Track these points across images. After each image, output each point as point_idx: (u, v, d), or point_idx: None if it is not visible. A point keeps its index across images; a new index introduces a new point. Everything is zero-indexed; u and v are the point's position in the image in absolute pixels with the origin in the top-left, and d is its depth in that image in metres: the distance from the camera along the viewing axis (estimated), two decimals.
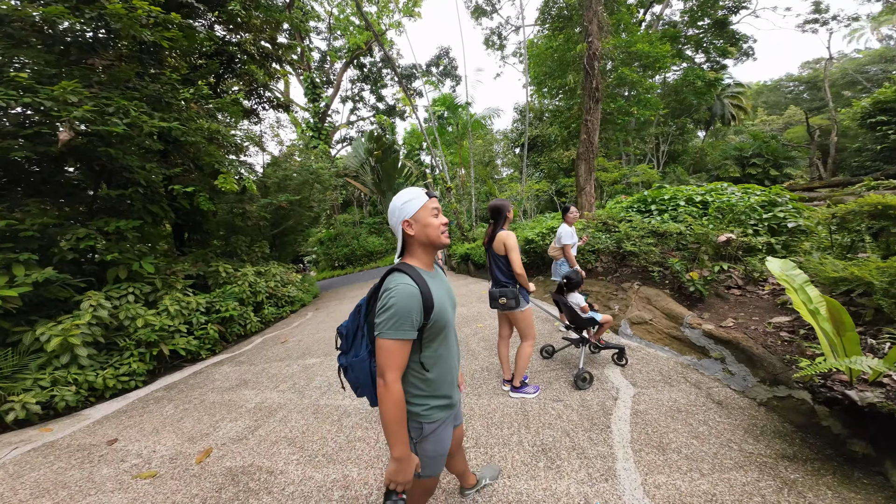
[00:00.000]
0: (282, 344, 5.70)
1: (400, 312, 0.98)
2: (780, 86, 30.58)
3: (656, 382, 2.67)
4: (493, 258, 2.56)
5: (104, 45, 5.15)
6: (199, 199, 6.16)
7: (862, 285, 2.14)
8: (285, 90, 24.46)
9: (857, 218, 2.66)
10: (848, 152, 14.07)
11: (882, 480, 1.60)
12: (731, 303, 3.05)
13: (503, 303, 2.43)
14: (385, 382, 0.99)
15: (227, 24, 7.82)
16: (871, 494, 1.55)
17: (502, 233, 2.43)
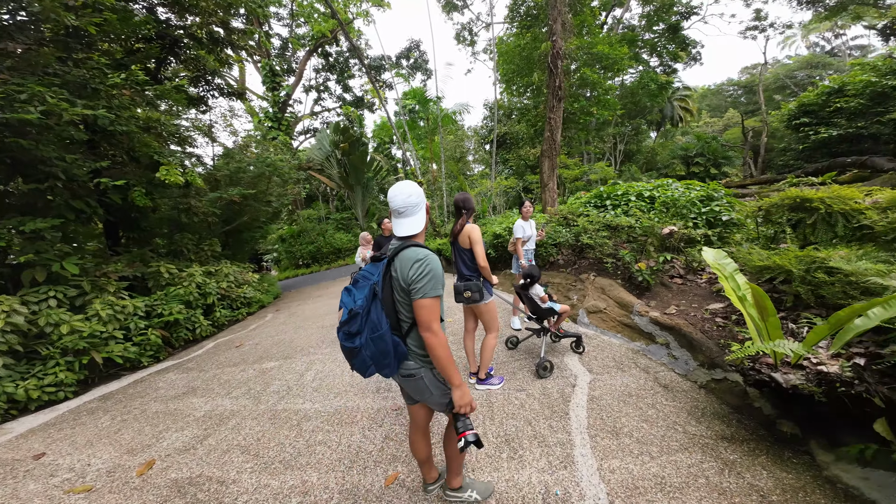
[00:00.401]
0: (236, 348, 5.33)
1: (437, 275, 1.23)
2: (721, 90, 33.57)
3: (610, 368, 2.82)
4: (458, 252, 2.56)
5: (20, 29, 4.50)
6: (134, 194, 5.54)
7: (783, 273, 2.41)
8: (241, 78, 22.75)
9: (779, 211, 2.99)
10: (775, 152, 15.83)
11: (809, 460, 1.74)
12: (674, 291, 3.30)
13: (468, 296, 2.43)
14: (434, 332, 1.22)
15: (172, 7, 7.06)
16: (801, 473, 1.69)
17: (468, 226, 2.44)
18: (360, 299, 1.24)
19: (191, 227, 8.50)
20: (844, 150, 10.29)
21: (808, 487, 1.60)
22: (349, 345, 1.23)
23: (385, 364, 1.26)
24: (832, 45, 27.48)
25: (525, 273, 2.87)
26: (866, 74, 9.77)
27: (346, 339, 1.25)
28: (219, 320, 7.05)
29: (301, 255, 19.93)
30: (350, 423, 2.64)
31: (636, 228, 3.77)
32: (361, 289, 1.27)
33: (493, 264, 6.67)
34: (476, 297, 2.41)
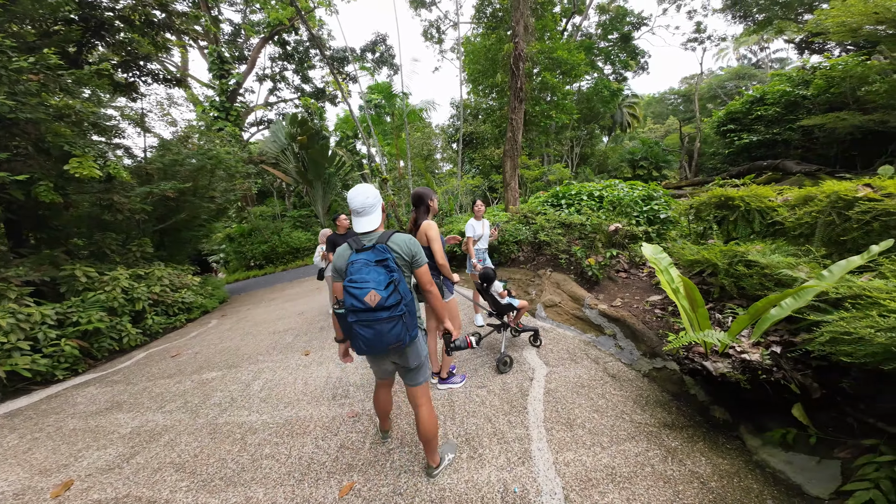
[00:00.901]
0: (172, 358, 4.79)
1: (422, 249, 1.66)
2: (664, 98, 36.73)
3: (564, 360, 2.94)
4: None
5: None
6: (38, 189, 4.75)
7: (710, 266, 2.66)
8: (183, 64, 20.61)
9: (707, 209, 3.31)
10: (706, 156, 17.72)
11: (740, 445, 1.88)
12: (620, 284, 3.53)
13: None
14: (433, 288, 1.70)
15: None
16: (734, 459, 1.81)
17: (424, 223, 2.33)
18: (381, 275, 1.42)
19: (116, 226, 7.50)
20: (762, 154, 11.76)
21: (741, 473, 1.72)
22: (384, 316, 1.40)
23: (413, 325, 1.55)
24: (758, 57, 31.17)
25: (480, 277, 2.88)
26: (782, 85, 11.20)
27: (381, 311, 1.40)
28: (151, 328, 6.31)
29: (253, 256, 18.54)
30: (301, 434, 2.47)
31: (587, 226, 3.98)
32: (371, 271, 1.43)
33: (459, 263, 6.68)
34: None
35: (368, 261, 1.46)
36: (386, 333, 1.43)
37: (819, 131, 9.94)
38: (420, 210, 2.40)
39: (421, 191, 2.40)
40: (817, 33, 13.66)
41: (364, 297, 1.38)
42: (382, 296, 1.39)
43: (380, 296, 1.38)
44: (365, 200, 1.55)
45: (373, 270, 1.43)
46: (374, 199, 1.57)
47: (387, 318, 1.41)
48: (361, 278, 1.42)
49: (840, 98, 9.63)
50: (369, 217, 1.58)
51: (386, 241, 1.53)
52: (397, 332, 1.45)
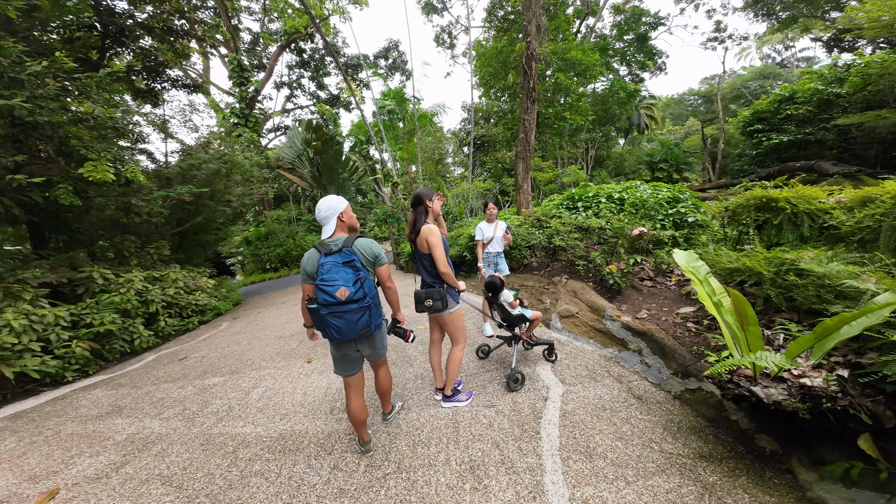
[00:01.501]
0: (179, 361, 4.76)
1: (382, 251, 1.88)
2: (683, 99, 35.53)
3: (583, 378, 2.66)
4: (418, 257, 2.28)
5: None
6: (58, 192, 4.86)
7: (753, 276, 2.35)
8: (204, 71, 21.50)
9: (745, 211, 2.98)
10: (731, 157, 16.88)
11: (791, 479, 1.60)
12: (645, 294, 3.22)
13: (429, 305, 2.17)
14: (392, 283, 1.94)
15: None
16: (784, 496, 1.54)
17: (424, 228, 2.13)
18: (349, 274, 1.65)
19: (136, 229, 7.69)
20: (793, 155, 11.03)
21: None
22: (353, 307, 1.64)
23: (378, 315, 1.80)
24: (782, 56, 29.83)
25: (486, 286, 2.66)
26: (813, 83, 10.53)
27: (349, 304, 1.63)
28: (164, 330, 6.36)
29: (268, 259, 18.89)
30: (294, 451, 2.29)
31: (607, 230, 3.68)
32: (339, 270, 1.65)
33: (469, 267, 6.46)
34: (438, 305, 2.14)
35: (337, 262, 1.67)
36: (355, 322, 1.67)
37: (857, 131, 9.25)
38: (419, 211, 2.19)
39: (420, 191, 2.21)
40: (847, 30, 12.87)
41: (335, 293, 1.61)
42: (351, 291, 1.62)
43: (349, 291, 1.62)
44: (324, 212, 1.81)
45: (341, 270, 1.65)
46: (328, 211, 1.80)
47: (356, 309, 1.65)
48: (332, 277, 1.63)
49: (878, 96, 8.94)
50: (327, 225, 1.83)
51: (351, 244, 1.75)
52: (365, 321, 1.70)
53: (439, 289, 2.18)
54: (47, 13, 4.57)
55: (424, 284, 2.28)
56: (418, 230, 2.15)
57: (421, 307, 2.19)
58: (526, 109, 6.92)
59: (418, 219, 2.19)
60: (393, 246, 11.49)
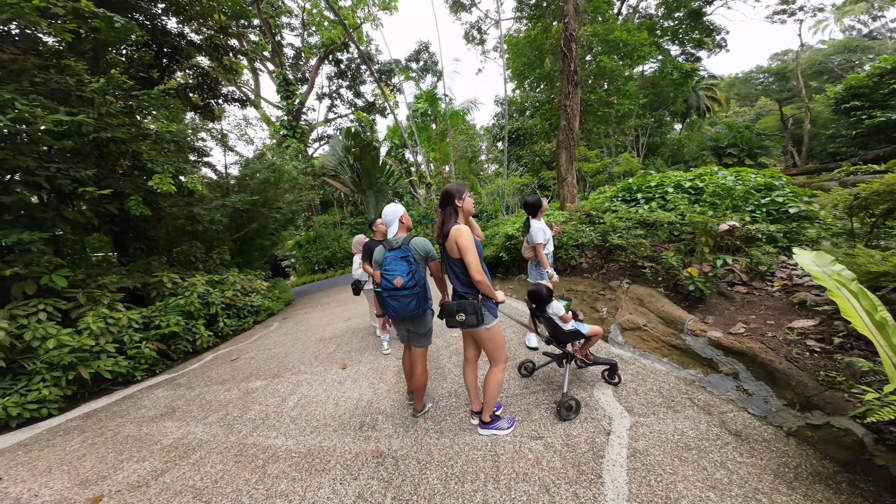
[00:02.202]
0: (231, 362, 4.99)
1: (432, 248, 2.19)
2: (750, 77, 31.23)
3: (657, 407, 2.15)
4: (447, 262, 1.99)
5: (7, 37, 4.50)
6: (130, 204, 5.37)
7: None
8: (255, 88, 23.49)
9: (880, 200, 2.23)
10: (821, 139, 14.22)
11: None
12: (738, 303, 2.58)
13: (461, 319, 1.86)
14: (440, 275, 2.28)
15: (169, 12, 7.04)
16: None
17: (454, 229, 1.84)
18: (404, 267, 1.99)
19: (202, 236, 8.43)
20: None
21: None
22: (405, 293, 1.98)
23: (425, 301, 2.11)
24: (870, 27, 25.06)
25: (530, 296, 2.26)
26: None
27: (404, 290, 1.98)
28: (223, 331, 6.81)
29: (317, 261, 20.00)
30: (321, 471, 2.12)
31: (680, 225, 3.03)
32: (398, 263, 2.01)
33: (507, 269, 6.04)
34: (473, 320, 1.83)
35: (396, 257, 2.02)
36: (406, 305, 2.00)
37: None
38: (447, 212, 1.91)
39: (448, 188, 1.92)
40: None
41: (393, 281, 1.97)
42: (404, 280, 1.96)
43: (403, 280, 1.96)
44: (389, 216, 2.20)
45: (399, 263, 1.99)
46: (392, 215, 2.19)
47: (407, 294, 1.98)
48: (392, 269, 1.99)
49: None
50: (391, 227, 2.20)
51: (408, 243, 2.07)
52: (414, 305, 2.02)
53: (473, 300, 1.85)
54: (105, 34, 5.02)
55: (456, 294, 1.98)
56: (447, 232, 1.87)
57: (452, 321, 1.89)
58: (567, 94, 6.31)
59: (447, 220, 1.90)
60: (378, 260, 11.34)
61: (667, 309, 2.67)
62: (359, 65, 23.90)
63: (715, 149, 18.65)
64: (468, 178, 13.22)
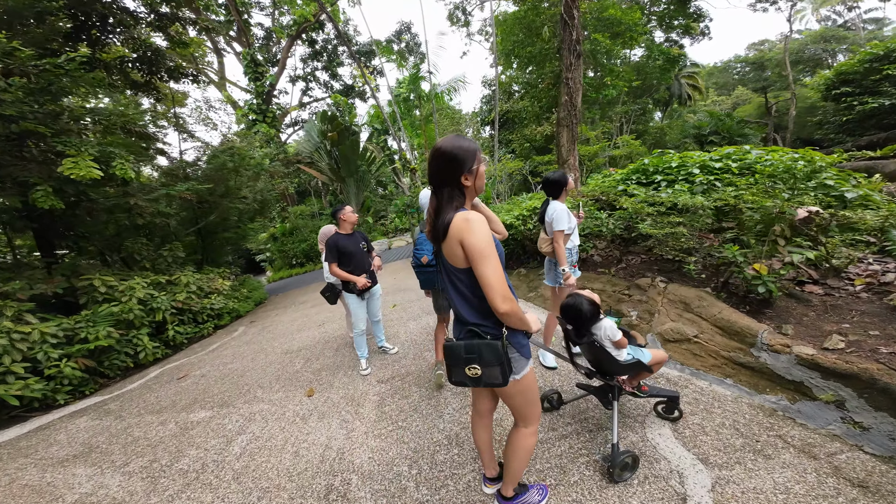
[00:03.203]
0: (178, 381, 4.14)
1: None
2: (728, 67, 31.76)
3: (739, 452, 1.56)
4: (447, 273, 1.19)
5: None
6: (36, 195, 4.31)
7: None
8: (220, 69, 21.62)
9: None
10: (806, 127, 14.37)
11: None
12: (816, 307, 2.03)
13: (475, 375, 1.11)
14: None
15: None
16: None
17: (457, 219, 1.05)
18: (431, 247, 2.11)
19: (152, 231, 7.31)
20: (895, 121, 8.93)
21: None
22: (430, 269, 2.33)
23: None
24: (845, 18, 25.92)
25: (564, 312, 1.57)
26: None
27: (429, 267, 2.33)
28: (175, 339, 5.86)
29: (294, 255, 18.85)
30: None
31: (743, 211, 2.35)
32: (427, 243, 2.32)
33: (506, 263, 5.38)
34: (494, 374, 1.09)
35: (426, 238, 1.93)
36: (431, 279, 2.37)
37: None
38: (444, 193, 1.10)
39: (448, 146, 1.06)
40: None
41: (421, 259, 2.34)
42: (429, 258, 2.30)
43: (428, 258, 2.31)
44: (423, 200, 2.21)
45: (427, 243, 2.31)
46: (425, 200, 2.17)
47: (432, 270, 2.32)
48: (421, 247, 2.35)
49: None
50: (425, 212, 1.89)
51: None
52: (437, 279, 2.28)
53: (493, 341, 1.09)
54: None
55: (462, 328, 1.19)
56: (445, 225, 1.07)
57: (459, 374, 1.14)
58: (569, 66, 5.64)
59: (444, 205, 1.10)
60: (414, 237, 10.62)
61: (726, 316, 2.09)
62: (336, 45, 22.34)
63: (697, 136, 18.69)
64: None
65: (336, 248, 2.82)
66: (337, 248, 2.82)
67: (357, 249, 2.91)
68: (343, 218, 2.92)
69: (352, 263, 2.86)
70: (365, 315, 3.03)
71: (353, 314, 3.02)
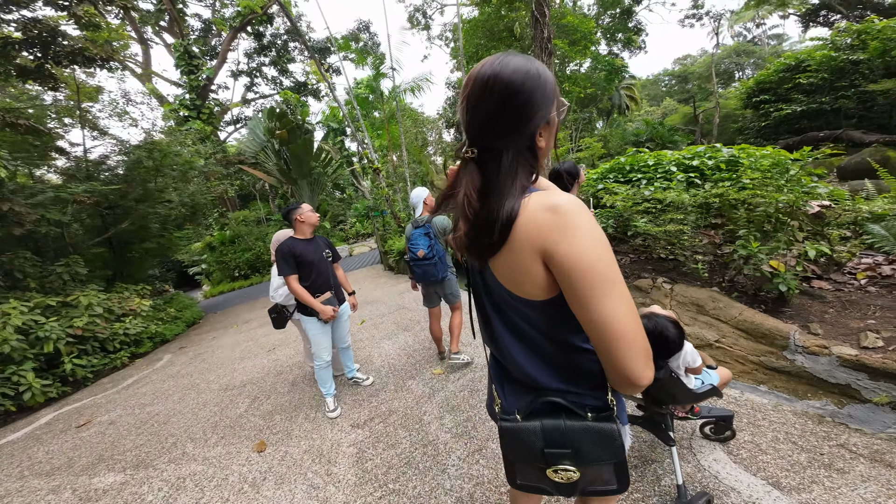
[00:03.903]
0: (77, 430, 3.17)
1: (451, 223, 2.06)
2: (658, 80, 35.63)
3: (809, 468, 1.33)
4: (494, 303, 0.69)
5: None
6: None
7: None
8: (145, 60, 19.04)
9: None
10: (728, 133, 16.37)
11: None
12: (833, 303, 1.97)
13: (567, 480, 0.62)
14: None
15: None
16: None
17: (536, 208, 0.56)
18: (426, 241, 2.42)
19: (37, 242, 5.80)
20: (806, 125, 10.41)
21: None
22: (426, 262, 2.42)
23: (445, 268, 2.51)
24: (753, 34, 30.68)
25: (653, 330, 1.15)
26: (826, 50, 9.90)
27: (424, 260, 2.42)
28: (75, 374, 4.64)
29: (237, 265, 16.86)
30: None
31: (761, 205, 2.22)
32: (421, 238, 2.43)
33: None
34: (605, 481, 0.63)
35: (420, 233, 2.43)
36: (427, 271, 2.44)
37: (883, 98, 8.62)
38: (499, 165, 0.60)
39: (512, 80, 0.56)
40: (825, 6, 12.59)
41: (417, 253, 2.41)
42: (425, 252, 2.39)
43: (424, 252, 2.39)
44: (414, 199, 2.60)
45: (422, 238, 2.42)
46: (416, 199, 2.59)
47: (427, 263, 2.41)
48: (416, 242, 2.43)
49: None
50: (417, 208, 2.59)
51: (430, 221, 2.45)
52: (433, 271, 2.44)
53: (601, 425, 0.61)
54: None
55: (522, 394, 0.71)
56: (507, 220, 0.58)
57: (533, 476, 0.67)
58: None
59: (500, 183, 0.60)
60: (378, 243, 9.93)
61: (748, 317, 1.94)
62: (286, 41, 20.79)
63: (636, 143, 20.64)
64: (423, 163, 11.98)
65: (292, 257, 2.18)
66: (294, 255, 2.19)
67: (319, 258, 2.32)
68: (300, 219, 2.30)
69: (312, 276, 2.27)
70: (329, 343, 2.39)
71: (313, 343, 2.36)
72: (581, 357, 0.63)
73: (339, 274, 2.57)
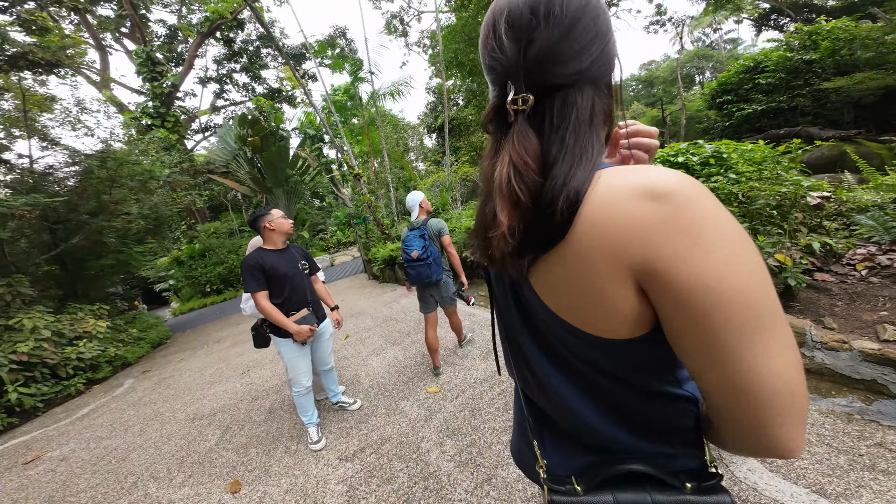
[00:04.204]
0: (24, 467, 2.73)
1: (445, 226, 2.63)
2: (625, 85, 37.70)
3: (850, 472, 1.23)
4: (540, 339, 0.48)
5: None
6: None
7: None
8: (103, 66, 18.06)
9: None
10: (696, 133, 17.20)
11: None
12: (840, 295, 1.93)
13: None
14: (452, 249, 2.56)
15: None
16: None
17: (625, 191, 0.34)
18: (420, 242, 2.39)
19: None
20: (766, 124, 11.08)
21: None
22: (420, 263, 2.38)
23: (440, 270, 2.45)
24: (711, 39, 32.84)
25: None
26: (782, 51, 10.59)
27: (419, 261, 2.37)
28: (22, 404, 4.14)
29: (208, 280, 15.94)
30: None
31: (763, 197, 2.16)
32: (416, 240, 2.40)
33: (471, 271, 4.89)
34: None
35: (415, 235, 2.42)
36: (422, 273, 2.40)
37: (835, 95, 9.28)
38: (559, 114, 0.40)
39: None
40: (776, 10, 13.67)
41: (411, 254, 2.39)
42: (420, 253, 2.36)
43: (418, 253, 2.36)
44: (410, 202, 2.58)
45: (416, 239, 2.41)
46: (412, 202, 2.58)
47: (422, 265, 2.38)
48: (410, 244, 2.41)
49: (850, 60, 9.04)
50: (413, 211, 2.57)
51: (425, 223, 2.47)
52: (427, 273, 2.39)
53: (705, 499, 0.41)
54: None
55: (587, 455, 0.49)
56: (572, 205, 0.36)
57: None
58: None
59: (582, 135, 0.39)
60: (361, 251, 9.60)
61: None
62: (258, 46, 20.19)
63: None
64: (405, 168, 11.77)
65: (261, 270, 1.88)
66: (262, 269, 1.89)
67: (293, 271, 2.04)
68: (270, 227, 1.99)
69: (286, 292, 1.99)
70: (309, 367, 2.12)
71: (290, 368, 2.07)
72: (674, 407, 0.43)
73: (319, 287, 2.27)
